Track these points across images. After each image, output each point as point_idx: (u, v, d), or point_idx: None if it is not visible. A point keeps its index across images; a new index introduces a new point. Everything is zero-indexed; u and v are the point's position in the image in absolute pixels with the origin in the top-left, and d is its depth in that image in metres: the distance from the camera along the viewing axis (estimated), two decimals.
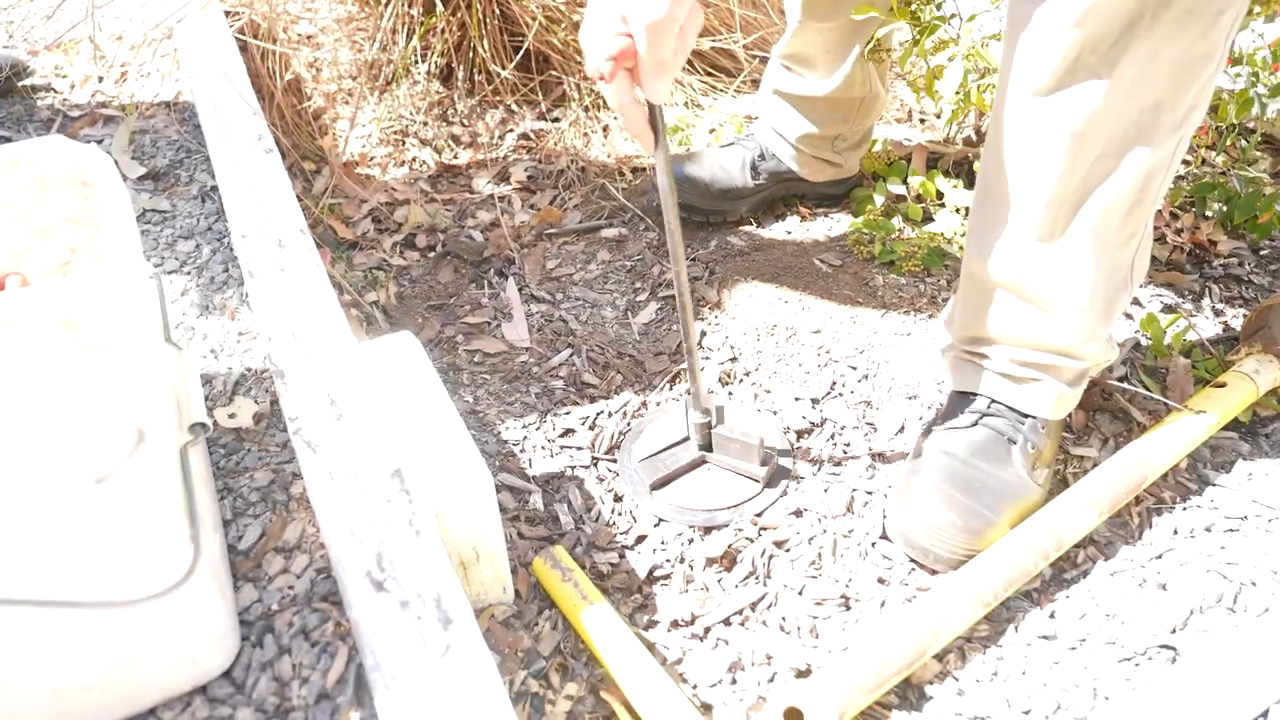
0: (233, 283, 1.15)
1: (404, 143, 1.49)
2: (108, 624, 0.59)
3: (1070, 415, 0.98)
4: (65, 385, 0.56)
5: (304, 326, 0.83)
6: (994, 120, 0.78)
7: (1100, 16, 0.66)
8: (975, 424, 0.90)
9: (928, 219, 1.31)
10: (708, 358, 1.12)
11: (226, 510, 0.86)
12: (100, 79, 1.59)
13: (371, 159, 1.46)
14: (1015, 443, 0.89)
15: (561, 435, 1.02)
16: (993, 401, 0.91)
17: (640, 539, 0.91)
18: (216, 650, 0.68)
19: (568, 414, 1.05)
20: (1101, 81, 0.68)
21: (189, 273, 1.17)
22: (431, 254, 1.29)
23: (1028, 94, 0.73)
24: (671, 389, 1.09)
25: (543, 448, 1.00)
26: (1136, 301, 1.18)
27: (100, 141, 1.44)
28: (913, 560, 0.87)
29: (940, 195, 1.28)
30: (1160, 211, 1.31)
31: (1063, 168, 0.74)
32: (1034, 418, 0.90)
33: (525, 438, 1.01)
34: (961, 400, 0.94)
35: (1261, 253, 1.27)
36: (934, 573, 0.86)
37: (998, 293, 0.86)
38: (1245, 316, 1.10)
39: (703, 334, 1.14)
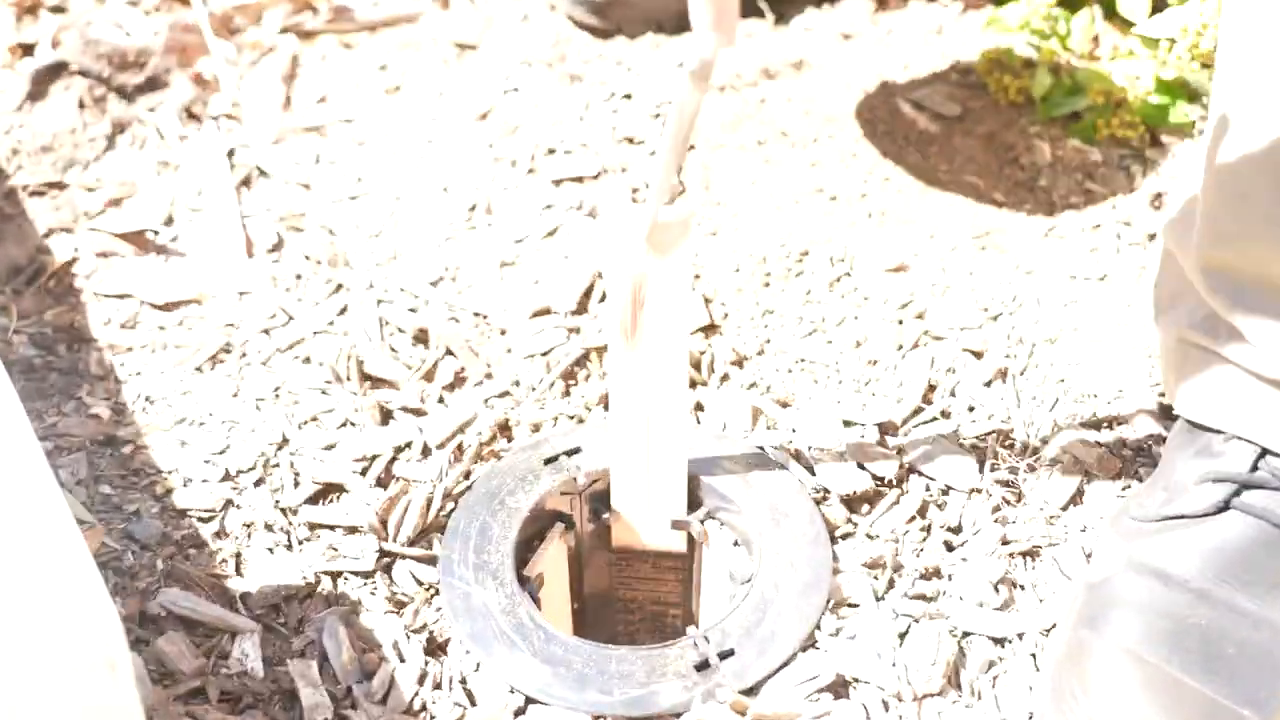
0: None
1: None
2: None
3: None
4: None
5: None
6: None
7: None
8: (1224, 507, 0.89)
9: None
10: None
11: None
12: None
13: None
14: None
15: (313, 500, 0.98)
16: (1265, 453, 0.90)
17: None
18: None
19: (328, 449, 1.00)
20: None
21: None
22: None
23: None
24: (570, 392, 1.06)
25: (270, 528, 0.96)
26: None
27: None
28: None
29: None
30: None
31: None
32: None
33: (231, 502, 0.97)
34: (1195, 449, 0.94)
35: None
36: None
37: (1269, 210, 0.87)
38: None
39: None
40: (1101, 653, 0.84)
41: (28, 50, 1.31)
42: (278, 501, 0.97)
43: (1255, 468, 0.91)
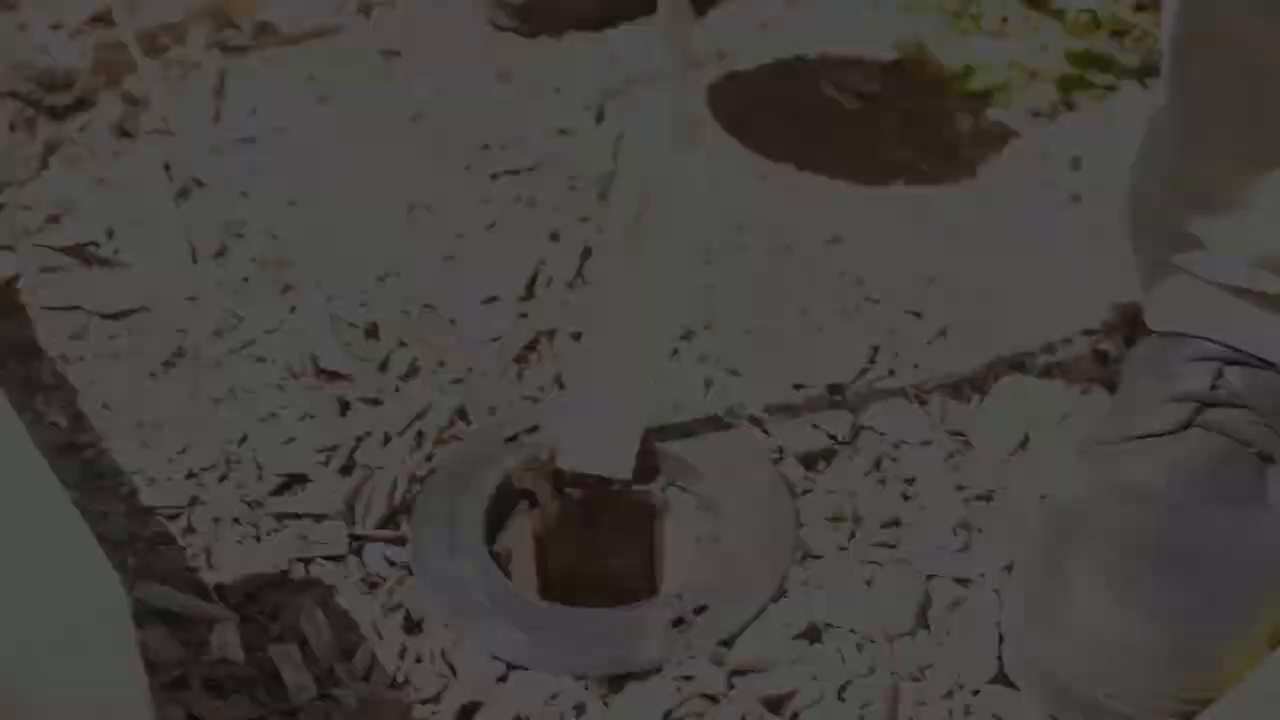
0: None
1: None
2: None
3: None
4: None
5: None
6: None
7: None
8: (1189, 424, 0.90)
9: None
10: None
11: None
12: None
13: None
14: (1275, 459, 0.88)
15: (278, 491, 0.99)
16: (1221, 372, 0.91)
17: (466, 714, 0.86)
18: None
19: (289, 444, 1.01)
20: None
21: None
22: None
23: None
24: (524, 376, 1.07)
25: (238, 522, 0.97)
26: None
27: None
28: None
29: None
30: None
31: None
32: None
33: (197, 498, 0.98)
34: (1155, 374, 0.94)
35: None
36: None
37: (1236, 129, 0.87)
38: None
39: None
40: (1076, 566, 0.86)
41: None
42: (243, 496, 0.98)
43: (1214, 386, 0.93)
